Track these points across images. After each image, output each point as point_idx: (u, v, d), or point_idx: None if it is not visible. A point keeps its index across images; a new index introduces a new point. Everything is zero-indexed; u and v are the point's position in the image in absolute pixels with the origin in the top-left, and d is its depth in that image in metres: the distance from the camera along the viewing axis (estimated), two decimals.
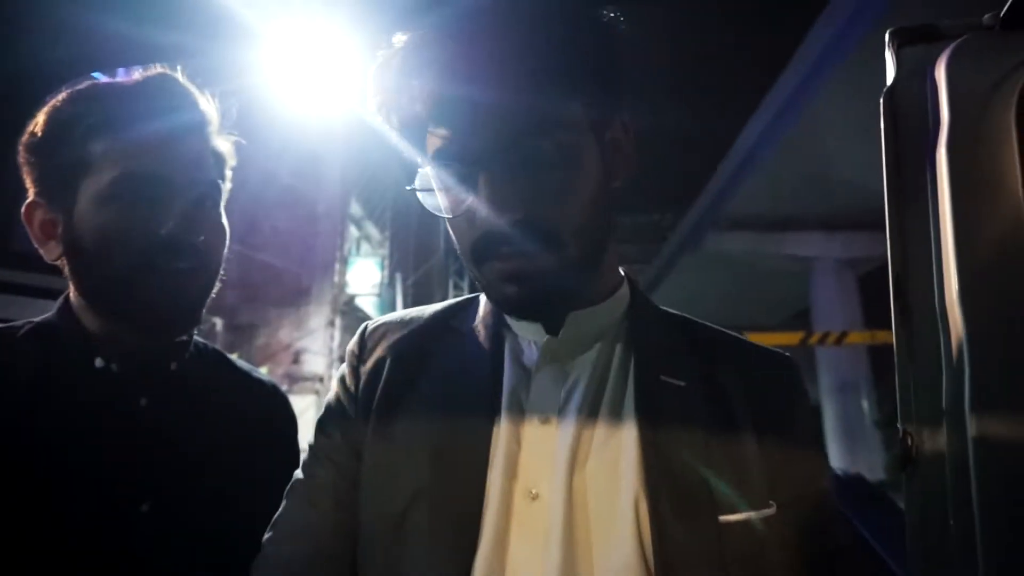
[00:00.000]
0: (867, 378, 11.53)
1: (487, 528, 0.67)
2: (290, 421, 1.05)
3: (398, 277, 14.01)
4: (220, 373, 1.01)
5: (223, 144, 0.97)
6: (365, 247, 14.06)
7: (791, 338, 9.32)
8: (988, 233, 0.65)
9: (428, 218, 0.83)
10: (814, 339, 9.65)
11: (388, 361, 0.80)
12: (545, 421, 0.72)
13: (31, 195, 0.90)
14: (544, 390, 0.74)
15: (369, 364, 0.81)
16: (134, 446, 0.86)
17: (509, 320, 0.79)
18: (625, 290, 0.81)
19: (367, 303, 13.22)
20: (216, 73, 0.95)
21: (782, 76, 8.70)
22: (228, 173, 0.99)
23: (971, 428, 0.59)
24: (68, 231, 0.88)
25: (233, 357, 1.07)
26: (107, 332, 0.90)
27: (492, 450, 0.71)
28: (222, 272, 0.95)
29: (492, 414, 0.72)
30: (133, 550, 0.82)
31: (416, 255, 15.78)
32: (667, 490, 0.66)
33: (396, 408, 0.76)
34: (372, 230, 14.08)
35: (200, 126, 0.93)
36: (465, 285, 15.40)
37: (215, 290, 0.95)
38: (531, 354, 0.77)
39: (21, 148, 0.88)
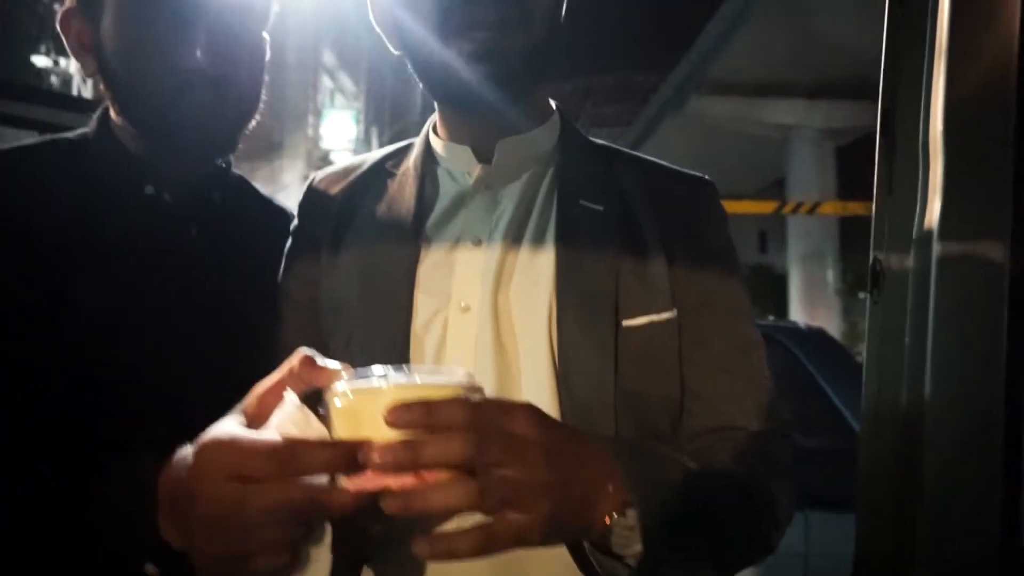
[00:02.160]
0: (835, 249, 11.82)
1: (429, 339, 0.75)
2: None
3: (374, 132, 13.69)
4: (252, 202, 1.01)
5: None
6: (340, 99, 13.62)
7: (765, 206, 9.43)
8: (980, 69, 0.67)
9: (404, 71, 0.81)
10: (788, 208, 9.76)
11: (332, 209, 0.85)
12: (476, 244, 0.78)
13: (68, 2, 0.86)
14: (476, 216, 0.79)
15: (315, 212, 0.86)
16: (187, 277, 0.86)
17: (440, 158, 0.83)
18: (556, 120, 0.84)
19: (342, 159, 12.94)
20: None
21: None
22: None
23: (936, 252, 0.64)
24: (98, 45, 0.84)
25: (263, 191, 1.06)
26: (150, 155, 0.87)
27: (424, 273, 0.77)
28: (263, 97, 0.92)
29: (417, 240, 0.79)
30: (178, 375, 0.82)
31: (392, 109, 15.34)
32: (573, 301, 0.74)
33: (338, 251, 0.82)
34: (347, 82, 13.59)
35: None
36: None
37: (255, 115, 0.93)
38: (464, 184, 0.81)
39: None
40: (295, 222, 0.89)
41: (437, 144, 0.84)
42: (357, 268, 0.80)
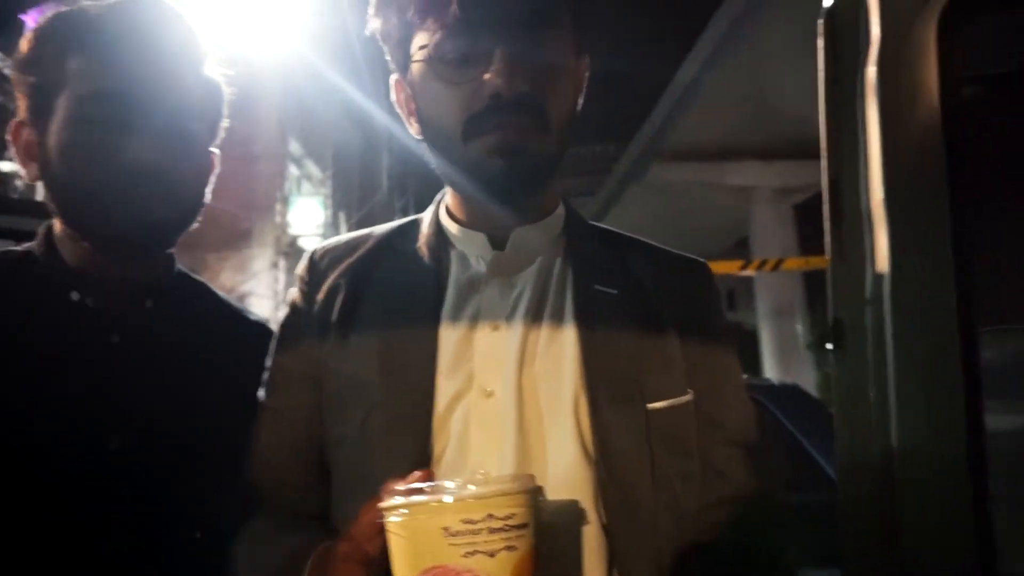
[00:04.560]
0: (801, 303, 12.02)
1: (453, 423, 0.76)
2: None
3: (342, 216, 13.81)
4: (203, 311, 1.00)
5: (215, 75, 0.95)
6: (306, 186, 13.77)
7: (731, 266, 9.61)
8: (909, 144, 0.74)
9: (370, 155, 0.85)
10: (752, 267, 9.98)
11: (339, 285, 0.85)
12: (495, 328, 0.80)
13: (20, 114, 0.89)
14: (493, 300, 0.82)
15: (320, 288, 0.85)
16: (105, 383, 0.86)
17: (454, 239, 0.86)
18: (561, 209, 0.89)
19: (311, 244, 13.00)
20: None
21: (721, 7, 8.73)
22: (224, 108, 0.97)
23: (889, 311, 0.69)
24: (43, 151, 0.87)
25: (221, 294, 1.06)
26: (84, 264, 0.89)
27: (443, 356, 0.79)
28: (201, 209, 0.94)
29: (436, 324, 0.80)
30: (102, 486, 0.83)
31: (360, 193, 15.54)
32: (603, 384, 0.77)
33: (348, 330, 0.82)
34: (313, 169, 13.77)
35: (183, 50, 0.90)
36: None
37: (192, 226, 0.95)
38: (477, 268, 0.83)
39: (11, 66, 0.88)
40: (295, 295, 0.88)
41: (451, 226, 0.86)
42: (374, 350, 0.80)
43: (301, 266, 0.89)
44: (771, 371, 11.26)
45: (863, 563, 0.78)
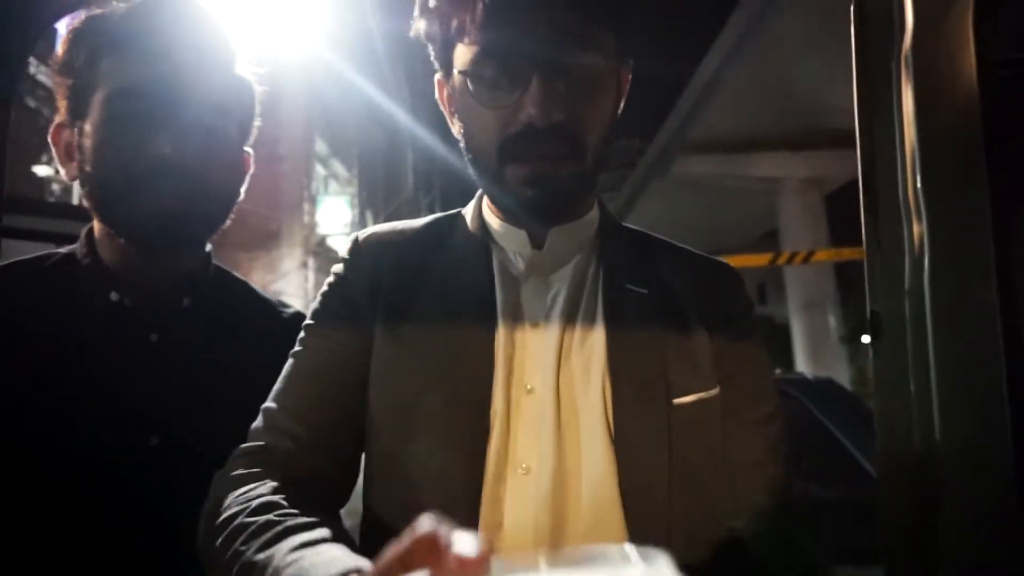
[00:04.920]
0: (833, 296, 11.86)
1: (496, 417, 0.76)
2: None
3: (368, 215, 13.92)
4: (240, 307, 1.01)
5: (247, 74, 0.96)
6: (333, 185, 13.89)
7: (760, 259, 9.52)
8: (946, 131, 0.72)
9: (395, 154, 0.84)
10: (782, 259, 9.85)
11: (387, 268, 0.85)
12: (535, 326, 0.81)
13: (60, 116, 0.91)
14: (532, 298, 0.83)
15: (368, 269, 0.86)
16: (145, 381, 0.87)
17: (495, 233, 0.86)
18: (596, 210, 0.89)
19: (339, 243, 13.12)
20: None
21: None
22: (256, 107, 0.98)
23: (929, 301, 0.68)
24: (80, 150, 0.88)
25: (259, 289, 1.06)
26: (122, 264, 0.91)
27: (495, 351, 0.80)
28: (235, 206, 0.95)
29: (493, 319, 0.81)
30: (142, 483, 0.84)
31: (385, 191, 15.64)
32: (627, 380, 0.78)
33: (403, 312, 0.82)
34: (339, 168, 13.89)
35: (212, 48, 0.91)
36: None
37: (225, 223, 0.95)
38: (517, 265, 0.84)
39: (50, 70, 0.89)
40: (338, 277, 0.87)
41: (492, 221, 0.87)
42: (433, 337, 0.80)
43: (347, 248, 0.89)
44: (803, 365, 11.12)
45: (903, 561, 0.76)
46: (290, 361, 0.84)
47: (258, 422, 0.80)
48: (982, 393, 0.67)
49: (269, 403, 0.81)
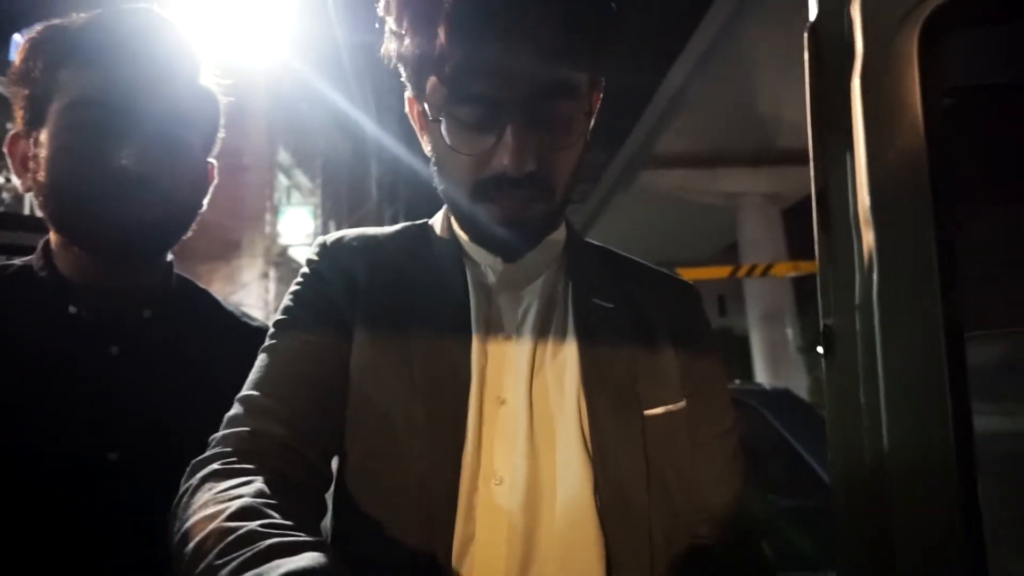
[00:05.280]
0: (791, 308, 12.10)
1: (470, 428, 0.77)
2: None
3: (332, 225, 13.80)
4: (203, 318, 1.00)
5: (211, 85, 0.95)
6: (296, 196, 13.76)
7: (721, 271, 9.68)
8: (893, 152, 0.75)
9: (360, 165, 0.84)
10: (742, 271, 10.03)
11: (363, 271, 0.84)
12: (507, 338, 0.82)
13: (17, 126, 0.90)
14: (504, 311, 0.84)
15: (342, 270, 0.84)
16: (104, 395, 0.86)
17: (467, 246, 0.87)
18: (563, 228, 0.91)
19: (301, 253, 12.99)
20: None
21: (708, 14, 8.81)
22: (220, 118, 0.97)
23: (878, 316, 0.71)
24: (36, 161, 0.87)
25: (222, 301, 1.05)
26: (80, 275, 0.89)
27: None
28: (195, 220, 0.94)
29: (468, 331, 0.82)
30: (101, 499, 0.82)
31: (349, 202, 15.53)
32: (601, 392, 0.79)
33: (381, 317, 0.81)
34: (302, 178, 13.77)
35: (174, 58, 0.90)
36: None
37: (186, 234, 0.94)
38: (489, 277, 0.86)
39: (8, 79, 0.87)
40: (311, 275, 0.85)
41: (463, 235, 0.87)
42: (413, 350, 0.79)
43: (314, 252, 0.87)
44: (762, 375, 11.31)
45: (857, 565, 0.79)
46: (264, 355, 0.80)
47: (236, 410, 0.76)
48: (927, 403, 0.70)
49: (248, 391, 0.77)
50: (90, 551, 0.81)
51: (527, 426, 0.78)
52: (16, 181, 0.91)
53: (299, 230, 12.67)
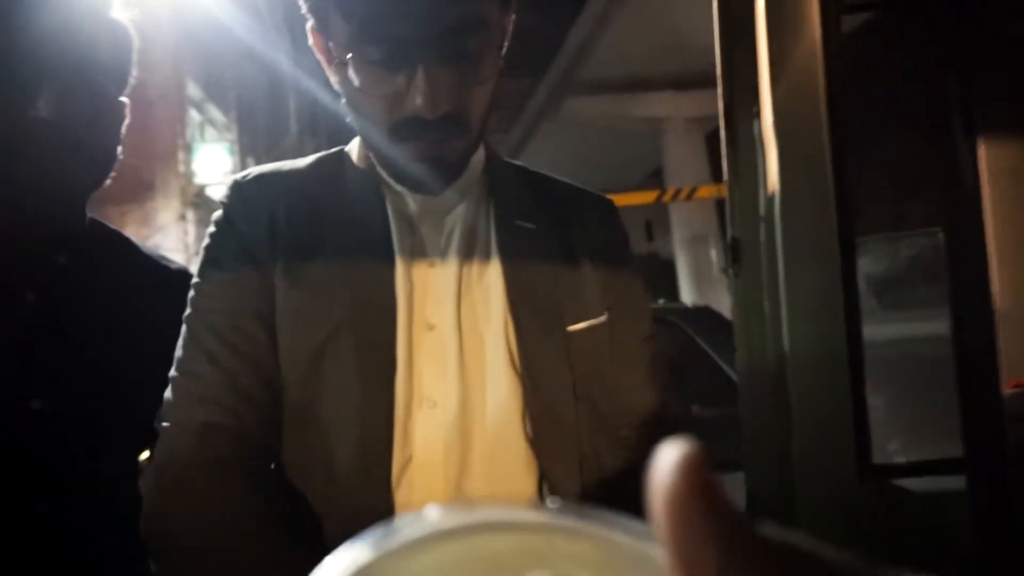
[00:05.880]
0: (715, 230, 12.43)
1: (400, 355, 0.79)
2: None
3: (251, 161, 13.29)
4: (120, 262, 0.97)
5: (122, 20, 0.91)
6: (210, 132, 13.16)
7: (648, 196, 9.82)
8: (793, 71, 0.79)
9: (276, 98, 0.81)
10: (668, 196, 10.22)
11: (280, 210, 0.83)
12: (432, 265, 0.84)
13: None
14: (428, 239, 0.85)
15: (257, 213, 0.83)
16: (24, 342, 0.84)
17: (384, 175, 0.87)
18: (482, 150, 0.92)
19: (218, 192, 12.46)
20: None
21: None
22: (132, 56, 0.93)
23: (779, 228, 0.75)
24: None
25: (138, 243, 1.02)
26: None
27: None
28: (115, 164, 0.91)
29: (391, 260, 0.82)
30: (28, 448, 0.82)
31: (267, 137, 14.95)
32: (526, 311, 0.82)
33: (302, 256, 0.81)
34: (216, 113, 13.16)
35: (92, 3, 0.86)
36: None
37: (106, 182, 0.91)
38: (411, 206, 0.86)
39: None
40: (223, 225, 0.84)
41: (381, 170, 0.87)
42: (336, 279, 0.79)
43: (227, 194, 0.85)
44: (688, 297, 11.67)
45: (761, 461, 0.86)
46: (189, 326, 0.79)
47: (177, 395, 0.76)
48: (823, 309, 0.76)
49: (184, 373, 0.77)
50: (24, 497, 0.81)
51: (456, 349, 0.80)
52: None
53: (216, 168, 12.15)
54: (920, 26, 0.79)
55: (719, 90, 0.81)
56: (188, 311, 0.80)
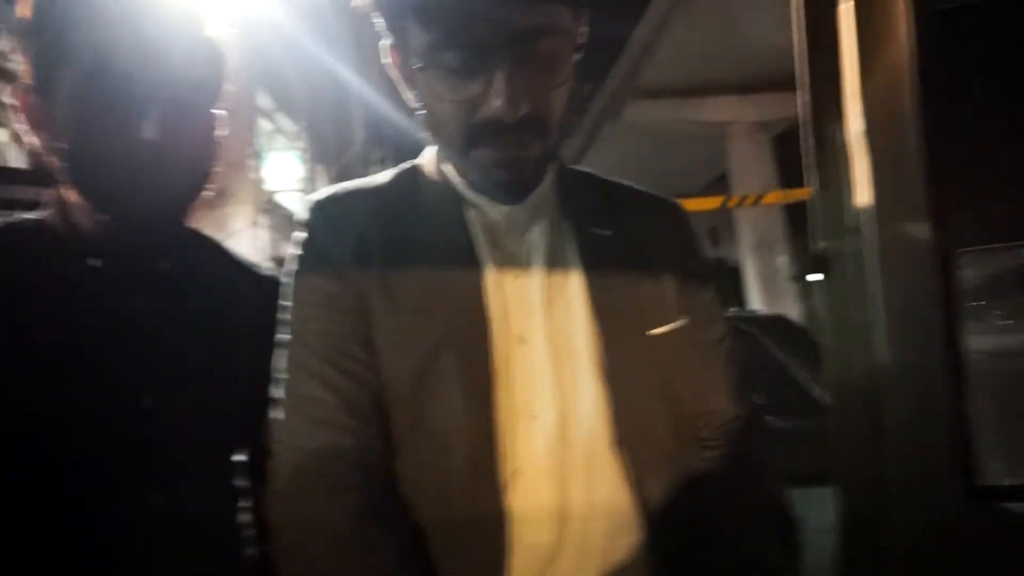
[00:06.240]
0: (782, 236, 12.13)
1: (498, 369, 0.79)
2: None
3: (320, 169, 13.60)
4: (217, 268, 1.01)
5: (218, 38, 0.94)
6: (281, 141, 13.52)
7: (712, 202, 9.61)
8: (884, 75, 0.76)
9: (343, 108, 0.83)
10: (733, 202, 9.99)
11: (365, 230, 0.84)
12: (517, 277, 0.84)
13: (24, 79, 0.88)
14: (511, 251, 0.85)
15: (343, 233, 0.84)
16: (131, 345, 0.88)
17: (463, 190, 0.87)
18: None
19: (290, 199, 12.82)
20: None
21: None
22: (226, 70, 0.95)
23: (870, 237, 0.73)
24: (48, 120, 0.86)
25: (230, 249, 1.06)
26: (97, 231, 0.90)
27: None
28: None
29: (479, 274, 0.83)
30: (138, 443, 0.85)
31: (335, 146, 15.27)
32: (609, 319, 0.83)
33: (395, 274, 0.82)
34: (286, 122, 13.51)
35: (184, 17, 0.89)
36: None
37: (204, 195, 0.93)
38: (492, 217, 0.86)
39: (13, 30, 0.86)
40: (307, 247, 0.85)
41: (456, 177, 0.87)
42: (431, 303, 0.80)
43: (307, 217, 0.87)
44: (756, 304, 11.42)
45: (853, 481, 0.83)
46: (291, 351, 0.81)
47: (293, 418, 0.79)
48: (919, 321, 0.73)
49: (297, 396, 0.79)
50: (134, 489, 0.85)
51: (549, 362, 0.80)
52: (27, 139, 0.89)
53: (287, 175, 12.48)
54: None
55: (801, 97, 0.79)
56: (287, 336, 0.82)
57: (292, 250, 0.87)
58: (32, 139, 0.89)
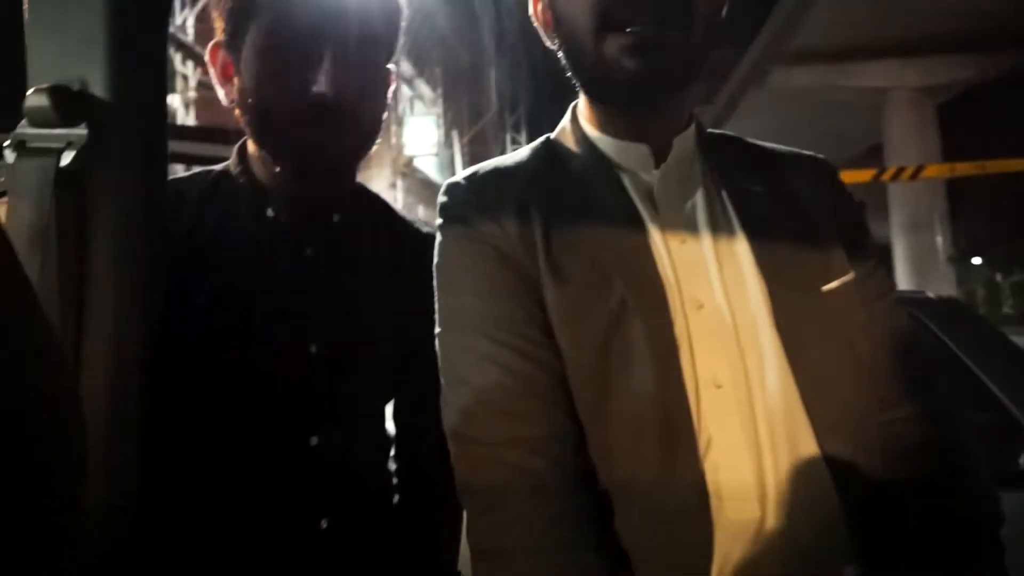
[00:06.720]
0: (943, 214, 11.19)
1: (681, 337, 0.76)
2: None
3: (455, 135, 13.89)
4: (383, 222, 1.04)
5: None
6: (419, 106, 13.88)
7: (863, 175, 8.97)
8: None
9: (478, 75, 0.80)
10: (887, 175, 9.28)
11: (524, 206, 0.81)
12: (683, 241, 0.80)
13: (217, 35, 0.91)
14: (673, 214, 0.82)
15: (497, 213, 0.81)
16: (302, 292, 0.92)
17: (606, 151, 0.84)
18: (692, 125, 0.87)
19: (425, 164, 13.18)
20: None
21: None
22: (401, 24, 0.97)
23: None
24: (237, 76, 0.90)
25: (393, 205, 1.09)
26: (275, 183, 0.94)
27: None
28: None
29: (647, 241, 0.80)
30: (304, 386, 0.89)
31: (470, 112, 15.51)
32: (780, 278, 0.78)
33: (561, 249, 0.79)
34: (424, 89, 13.84)
35: None
36: (523, 139, 15.07)
37: (375, 142, 0.96)
38: (648, 181, 0.83)
39: None
40: (457, 230, 0.83)
41: (602, 141, 0.84)
42: (604, 274, 0.77)
43: (456, 198, 0.85)
44: (906, 286, 10.66)
45: None
46: (456, 338, 0.79)
47: (473, 408, 0.76)
48: None
49: (473, 385, 0.76)
50: (300, 431, 0.89)
51: (729, 326, 0.77)
52: (220, 92, 0.93)
53: (424, 140, 12.83)
54: None
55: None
56: (447, 324, 0.80)
57: (443, 235, 0.84)
58: (223, 92, 0.93)
